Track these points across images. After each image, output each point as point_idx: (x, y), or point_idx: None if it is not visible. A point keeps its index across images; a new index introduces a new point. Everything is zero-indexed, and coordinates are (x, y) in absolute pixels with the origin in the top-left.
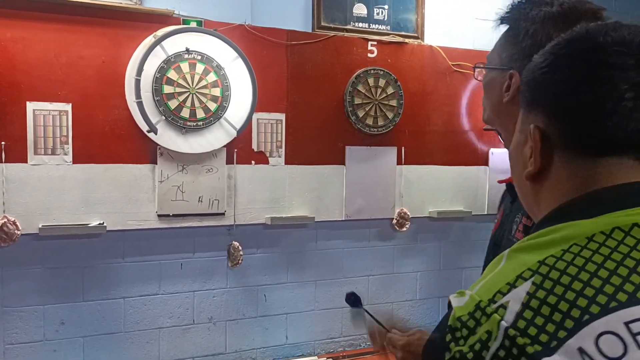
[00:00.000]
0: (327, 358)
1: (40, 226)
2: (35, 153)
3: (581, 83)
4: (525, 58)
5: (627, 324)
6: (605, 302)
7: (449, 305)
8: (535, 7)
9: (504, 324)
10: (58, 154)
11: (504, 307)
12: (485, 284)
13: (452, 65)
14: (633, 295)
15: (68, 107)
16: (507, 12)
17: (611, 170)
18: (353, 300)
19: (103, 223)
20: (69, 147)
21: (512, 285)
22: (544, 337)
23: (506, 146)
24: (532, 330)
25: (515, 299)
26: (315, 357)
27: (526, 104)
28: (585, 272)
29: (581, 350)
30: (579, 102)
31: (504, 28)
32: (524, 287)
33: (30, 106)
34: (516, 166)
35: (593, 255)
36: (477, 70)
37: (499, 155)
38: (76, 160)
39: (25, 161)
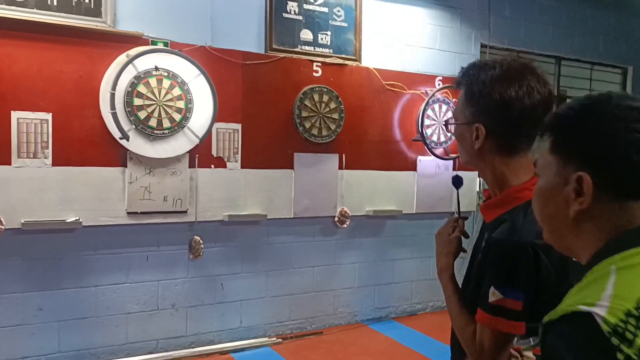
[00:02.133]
0: (277, 339)
1: (22, 221)
2: (19, 156)
3: (631, 149)
4: (483, 113)
5: None
6: None
7: (547, 327)
8: (482, 72)
9: None
10: (39, 158)
11: None
12: (616, 294)
13: (386, 84)
14: None
15: (48, 116)
16: (460, 77)
17: None
18: (455, 181)
19: (78, 219)
20: (49, 152)
21: None
22: None
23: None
24: None
25: None
26: (267, 338)
27: (566, 152)
28: None
29: None
30: (631, 162)
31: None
32: None
33: (15, 115)
34: (550, 204)
35: None
36: (449, 125)
37: (426, 162)
38: (55, 163)
39: (9, 163)
